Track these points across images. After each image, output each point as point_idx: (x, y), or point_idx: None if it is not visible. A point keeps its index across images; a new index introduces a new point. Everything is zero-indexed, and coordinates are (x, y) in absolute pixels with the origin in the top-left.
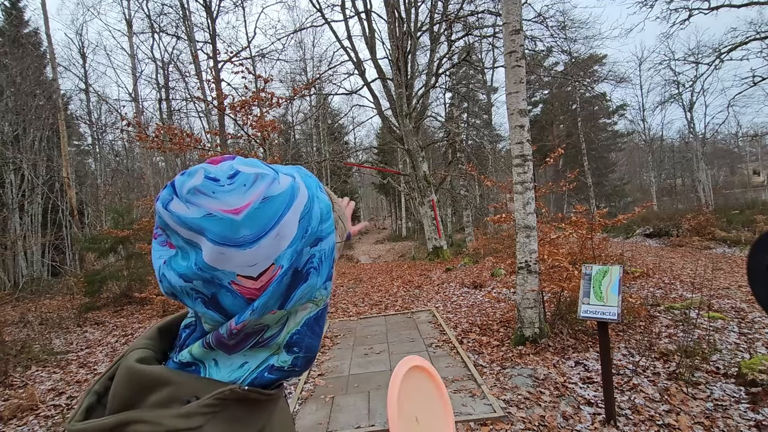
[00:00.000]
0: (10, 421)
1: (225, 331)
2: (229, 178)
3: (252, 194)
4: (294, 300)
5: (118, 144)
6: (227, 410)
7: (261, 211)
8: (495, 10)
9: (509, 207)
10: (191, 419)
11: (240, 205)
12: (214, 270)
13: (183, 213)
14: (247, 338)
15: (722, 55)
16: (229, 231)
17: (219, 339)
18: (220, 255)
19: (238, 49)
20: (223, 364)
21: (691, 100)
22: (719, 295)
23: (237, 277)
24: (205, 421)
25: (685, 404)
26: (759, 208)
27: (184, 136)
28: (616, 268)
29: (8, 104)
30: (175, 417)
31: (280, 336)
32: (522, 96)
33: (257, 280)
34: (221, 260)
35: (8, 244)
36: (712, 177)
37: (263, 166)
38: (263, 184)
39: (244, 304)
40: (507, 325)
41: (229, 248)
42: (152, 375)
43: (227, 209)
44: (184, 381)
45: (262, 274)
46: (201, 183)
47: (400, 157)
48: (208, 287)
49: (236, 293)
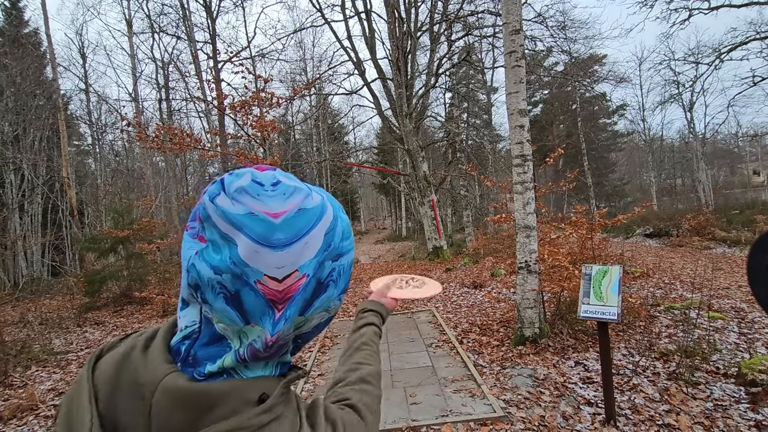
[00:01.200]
0: (10, 421)
1: (261, 345)
2: (272, 185)
3: (290, 203)
4: (313, 308)
5: (118, 144)
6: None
7: (296, 220)
8: (495, 10)
9: (509, 207)
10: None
11: (279, 211)
12: (245, 266)
13: (228, 208)
14: (279, 350)
15: (722, 55)
16: (266, 231)
17: (255, 353)
18: (254, 252)
19: (238, 49)
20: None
21: (691, 100)
22: (719, 295)
23: (264, 276)
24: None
25: (685, 404)
26: (759, 208)
27: (184, 136)
28: (616, 268)
29: (8, 104)
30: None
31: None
32: (522, 96)
33: (281, 283)
34: (254, 258)
35: (8, 244)
36: (712, 177)
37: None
38: (300, 197)
39: (264, 304)
40: (507, 325)
41: (263, 247)
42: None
43: (268, 212)
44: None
45: (286, 277)
46: (248, 184)
47: (400, 157)
48: (235, 283)
49: (259, 293)
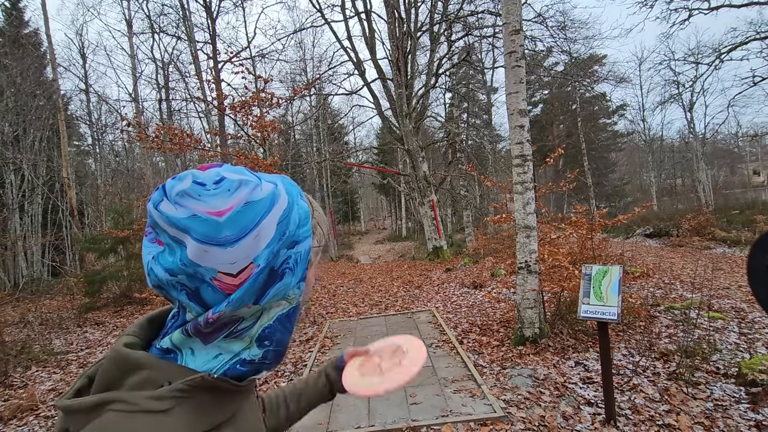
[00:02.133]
0: (10, 421)
1: (202, 320)
2: (214, 183)
3: (235, 198)
4: (269, 296)
5: (118, 144)
6: (196, 397)
7: (242, 214)
8: (495, 10)
9: (509, 207)
10: (162, 401)
11: (223, 208)
12: (197, 266)
13: (171, 213)
14: (223, 328)
15: (722, 55)
16: (212, 231)
17: (196, 327)
18: (203, 252)
19: (238, 50)
20: (198, 353)
21: (691, 100)
22: (719, 295)
23: (218, 273)
24: (174, 404)
25: (685, 404)
26: (759, 208)
27: (184, 136)
28: (616, 268)
29: (8, 104)
30: (148, 398)
31: (253, 329)
32: (522, 96)
33: (236, 277)
34: (204, 257)
35: (8, 244)
36: (712, 177)
37: (248, 173)
38: (246, 190)
39: (223, 297)
40: (507, 325)
41: (211, 246)
42: (132, 359)
43: (211, 211)
44: (161, 366)
45: (241, 271)
46: (189, 187)
47: (400, 157)
48: (192, 281)
49: (217, 288)
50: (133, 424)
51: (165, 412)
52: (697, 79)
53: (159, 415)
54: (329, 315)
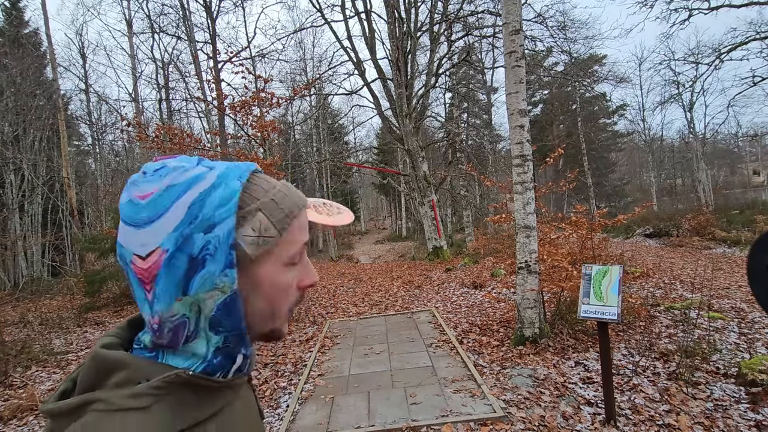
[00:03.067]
0: (10, 421)
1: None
2: (154, 171)
3: (161, 183)
4: (195, 286)
5: (118, 144)
6: (175, 394)
7: (161, 198)
8: (495, 10)
9: (509, 207)
10: (140, 399)
11: (148, 192)
12: (121, 247)
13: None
14: (177, 332)
15: (722, 55)
16: (134, 213)
17: (153, 340)
18: (124, 233)
19: (238, 50)
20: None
21: (691, 100)
22: (719, 295)
23: (133, 256)
24: (153, 401)
25: (685, 404)
26: (759, 208)
27: (184, 136)
28: (616, 268)
29: (8, 104)
30: (126, 397)
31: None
32: (522, 96)
33: (145, 260)
34: (125, 238)
35: (8, 244)
36: (712, 177)
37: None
38: (173, 175)
39: (137, 284)
40: (507, 325)
41: (130, 227)
42: (112, 358)
43: (140, 195)
44: (139, 365)
45: (149, 254)
46: (137, 176)
47: (400, 157)
48: (122, 263)
49: (133, 273)
50: (113, 423)
51: (144, 410)
52: (697, 79)
53: (138, 412)
54: (329, 315)
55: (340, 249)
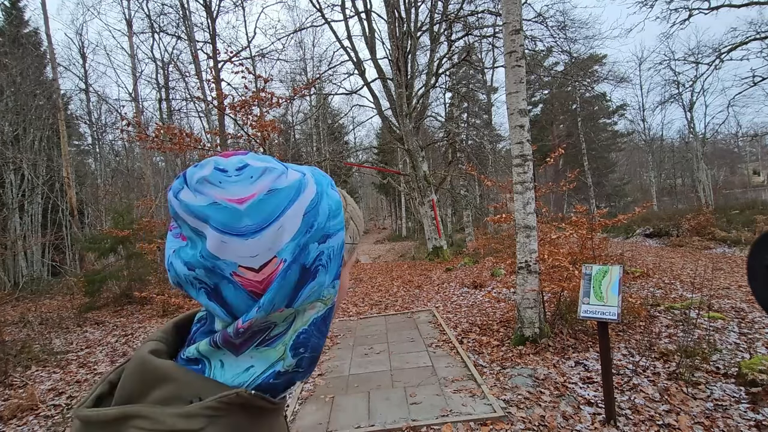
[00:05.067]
0: (10, 421)
1: (232, 331)
2: (237, 170)
3: (257, 186)
4: (302, 298)
5: (118, 144)
6: (230, 415)
7: (265, 203)
8: (495, 10)
9: (509, 207)
10: (191, 420)
11: (244, 196)
12: (215, 259)
13: (191, 201)
14: (254, 336)
15: (722, 55)
16: (231, 220)
17: (226, 338)
18: (222, 243)
19: (238, 49)
20: (229, 366)
21: (691, 100)
22: (719, 295)
23: (239, 268)
24: (206, 423)
25: (685, 404)
26: (759, 208)
27: (184, 136)
28: (616, 268)
29: (8, 104)
30: (176, 416)
31: (286, 335)
32: (522, 96)
33: (259, 272)
34: (223, 249)
35: (8, 244)
36: (712, 177)
37: (274, 161)
38: (270, 177)
39: (245, 297)
40: (507, 325)
41: (231, 237)
42: (159, 369)
43: (232, 198)
44: (189, 380)
45: (264, 266)
46: (210, 173)
47: (400, 157)
48: (211, 277)
49: (238, 285)
50: None
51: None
52: (697, 79)
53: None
54: None
55: None
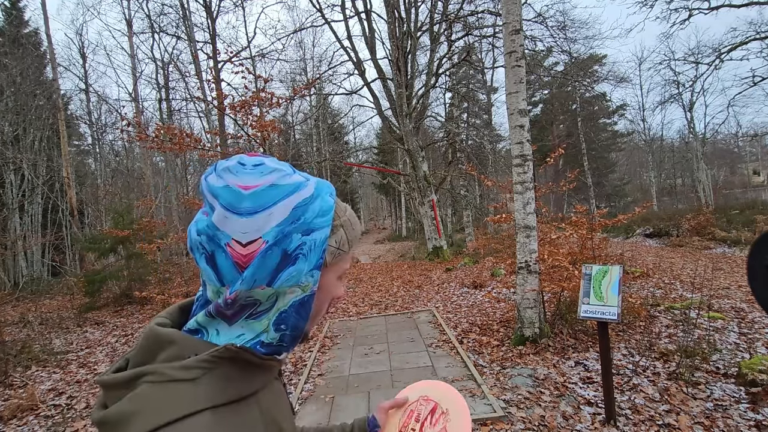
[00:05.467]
0: (10, 421)
1: (222, 301)
2: (253, 165)
3: (264, 179)
4: (281, 280)
5: (118, 144)
6: (221, 367)
7: (265, 193)
8: (495, 10)
9: (509, 207)
10: (190, 371)
11: (251, 184)
12: (216, 229)
13: (213, 182)
14: (243, 310)
15: (722, 55)
16: (235, 200)
17: (218, 308)
18: (223, 218)
19: (238, 49)
20: (223, 333)
21: (691, 100)
22: (719, 295)
23: (231, 240)
24: (201, 374)
25: (685, 404)
26: (759, 208)
27: (184, 136)
28: (616, 268)
29: (8, 104)
30: (177, 368)
31: (270, 312)
32: (522, 96)
33: (245, 247)
34: (223, 222)
35: (8, 244)
36: (712, 177)
37: (288, 167)
38: (276, 175)
39: (233, 267)
40: (507, 325)
41: (231, 213)
42: (163, 335)
43: (241, 184)
44: (188, 342)
45: (250, 243)
46: (232, 165)
47: (400, 157)
48: (210, 244)
49: (228, 255)
50: (164, 393)
51: (193, 381)
52: (697, 79)
53: (188, 383)
54: (329, 315)
55: None
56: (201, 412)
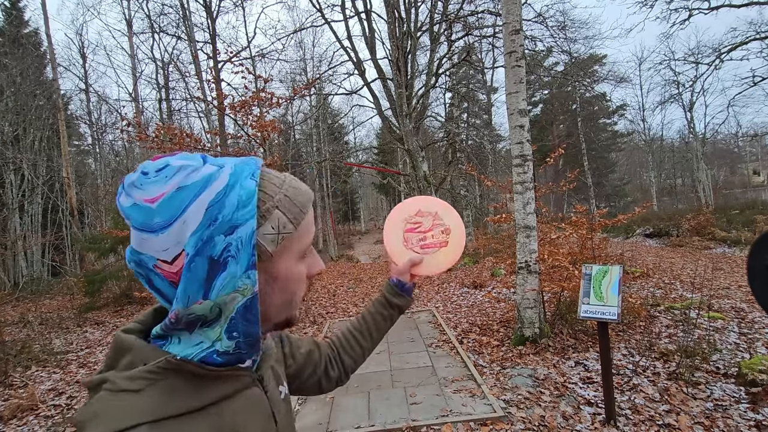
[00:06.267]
0: (10, 421)
1: (167, 320)
2: (156, 171)
3: (169, 184)
4: (216, 289)
5: (118, 144)
6: (167, 379)
7: (173, 200)
8: (495, 10)
9: (509, 207)
10: (134, 382)
11: (157, 195)
12: (139, 254)
13: (122, 203)
14: (191, 325)
15: (722, 55)
16: (146, 218)
17: (166, 326)
18: (141, 240)
19: (238, 49)
20: (184, 341)
21: (691, 100)
22: (719, 295)
23: (158, 260)
24: (145, 385)
25: (685, 404)
26: (759, 208)
27: (184, 136)
28: (616, 268)
29: (8, 104)
30: (125, 379)
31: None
32: (522, 96)
33: (172, 264)
34: (141, 244)
35: (8, 244)
36: (712, 177)
37: (197, 158)
38: (182, 175)
39: (169, 286)
40: (507, 325)
41: (146, 233)
42: (124, 342)
43: (147, 198)
44: (142, 349)
45: (175, 258)
46: (136, 177)
47: (400, 157)
48: (141, 269)
49: (161, 276)
50: (113, 402)
51: (137, 392)
52: (697, 79)
53: (132, 394)
54: (329, 315)
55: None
56: (137, 426)
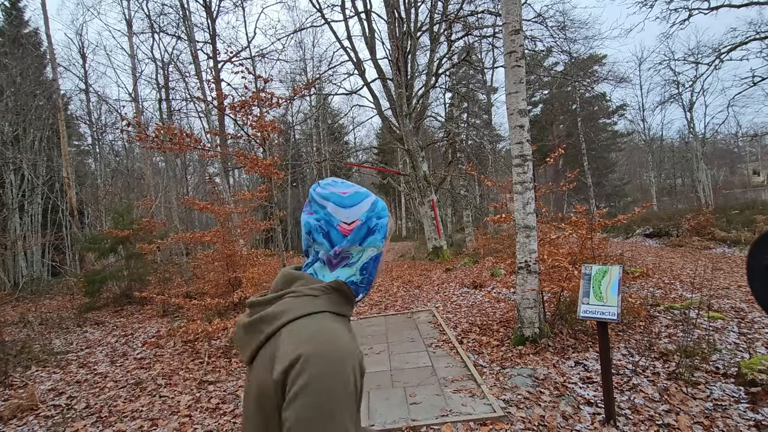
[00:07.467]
0: (10, 421)
1: (332, 252)
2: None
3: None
4: (367, 242)
5: (118, 144)
6: (333, 294)
7: (355, 195)
8: (495, 10)
9: (509, 207)
10: (315, 290)
11: (346, 191)
12: (331, 216)
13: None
14: (342, 260)
15: (722, 55)
16: (341, 201)
17: (328, 258)
18: (336, 210)
19: (238, 49)
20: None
21: (691, 100)
22: (719, 295)
23: (341, 222)
24: (322, 293)
25: (685, 404)
26: (759, 208)
27: (183, 136)
28: (615, 268)
29: (8, 104)
30: (308, 289)
31: (358, 262)
32: (522, 96)
33: (349, 226)
34: (336, 212)
35: (8, 244)
36: (712, 177)
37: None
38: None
39: (340, 236)
40: (507, 325)
41: (340, 208)
42: (296, 273)
43: (340, 191)
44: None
45: (352, 223)
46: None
47: (400, 157)
48: (327, 225)
49: (338, 231)
50: (301, 301)
51: (317, 297)
52: (697, 79)
53: (313, 298)
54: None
55: None
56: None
